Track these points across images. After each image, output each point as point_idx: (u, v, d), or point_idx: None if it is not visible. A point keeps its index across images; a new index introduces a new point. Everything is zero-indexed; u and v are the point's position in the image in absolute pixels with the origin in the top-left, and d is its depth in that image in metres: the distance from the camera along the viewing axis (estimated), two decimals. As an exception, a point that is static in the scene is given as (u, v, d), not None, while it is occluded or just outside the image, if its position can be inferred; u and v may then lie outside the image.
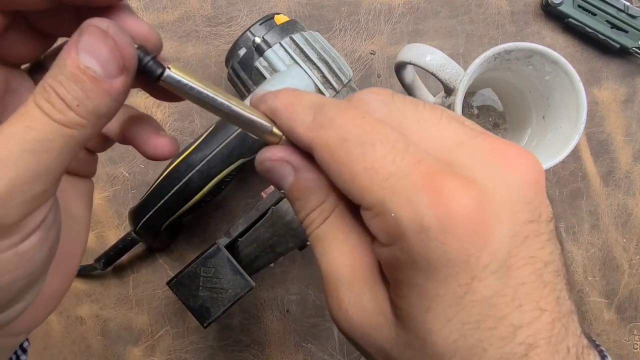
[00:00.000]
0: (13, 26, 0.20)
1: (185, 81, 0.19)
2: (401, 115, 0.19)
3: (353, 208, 0.20)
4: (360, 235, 0.20)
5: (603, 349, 0.20)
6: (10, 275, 0.18)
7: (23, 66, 0.22)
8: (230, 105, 0.20)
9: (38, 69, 0.22)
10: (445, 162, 0.18)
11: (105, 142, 0.23)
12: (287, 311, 0.47)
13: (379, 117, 0.19)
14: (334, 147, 0.18)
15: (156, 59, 0.19)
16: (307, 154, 0.20)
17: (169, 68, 0.19)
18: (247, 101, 0.22)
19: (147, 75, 0.18)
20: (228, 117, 0.20)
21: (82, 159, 0.23)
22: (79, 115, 0.17)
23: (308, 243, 0.34)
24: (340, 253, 0.20)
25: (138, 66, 0.18)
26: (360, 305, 0.19)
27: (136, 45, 0.18)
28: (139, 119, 0.22)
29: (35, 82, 0.22)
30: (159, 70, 0.18)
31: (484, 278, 0.17)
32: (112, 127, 0.22)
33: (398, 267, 0.18)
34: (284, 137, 0.20)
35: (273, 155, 0.21)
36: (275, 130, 0.20)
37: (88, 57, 0.17)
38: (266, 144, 0.21)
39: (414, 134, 0.19)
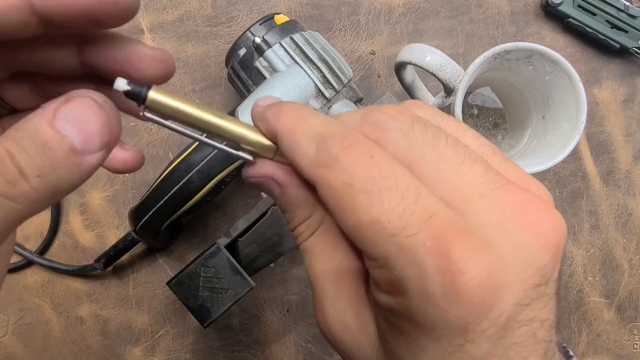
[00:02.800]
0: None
1: (171, 103, 0.18)
2: (419, 151, 0.17)
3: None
4: (347, 251, 0.19)
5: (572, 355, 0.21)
6: None
7: None
8: (228, 126, 0.19)
9: None
10: (460, 215, 0.17)
11: None
12: (287, 311, 0.47)
13: (394, 150, 0.17)
14: (339, 192, 0.17)
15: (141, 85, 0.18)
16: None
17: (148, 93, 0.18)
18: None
19: (134, 99, 0.18)
20: (222, 137, 0.19)
21: None
22: (33, 188, 0.15)
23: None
24: (326, 268, 0.20)
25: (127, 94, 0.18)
26: (343, 323, 0.19)
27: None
28: None
29: None
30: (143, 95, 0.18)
31: (477, 341, 0.16)
32: None
33: (394, 314, 0.17)
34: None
35: (256, 173, 0.20)
36: (267, 144, 0.20)
37: (69, 126, 0.15)
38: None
39: (430, 176, 0.17)
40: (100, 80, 0.19)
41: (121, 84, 0.17)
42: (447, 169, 0.17)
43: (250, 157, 0.20)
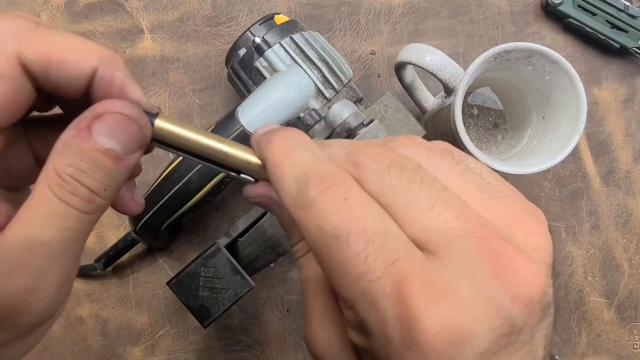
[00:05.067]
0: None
1: (178, 131, 0.20)
2: (392, 194, 0.18)
3: None
4: None
5: None
6: (29, 346, 0.20)
7: None
8: (227, 152, 0.20)
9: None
10: (428, 259, 0.17)
11: None
12: (287, 311, 0.47)
13: (370, 190, 0.18)
14: (313, 234, 0.17)
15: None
16: None
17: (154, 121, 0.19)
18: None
19: None
20: (221, 164, 0.21)
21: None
22: (104, 199, 0.18)
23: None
24: (317, 286, 0.21)
25: None
26: (327, 341, 0.20)
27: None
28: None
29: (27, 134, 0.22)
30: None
31: None
32: None
33: (364, 352, 0.18)
34: None
35: (255, 193, 0.21)
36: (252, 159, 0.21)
37: (109, 139, 0.18)
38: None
39: (403, 218, 0.17)
40: None
41: None
42: (418, 213, 0.17)
43: (252, 179, 0.21)
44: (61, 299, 0.18)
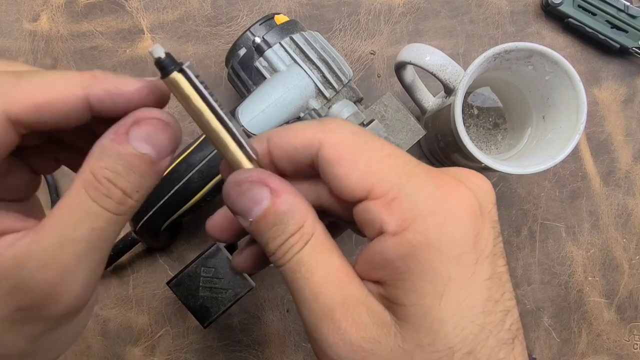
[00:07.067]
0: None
1: (199, 82, 0.19)
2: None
3: (327, 231, 0.21)
4: (339, 255, 0.20)
5: None
6: (68, 339, 0.21)
7: None
8: (228, 120, 0.20)
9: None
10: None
11: (55, 164, 0.23)
12: (287, 311, 0.47)
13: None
14: (349, 140, 0.20)
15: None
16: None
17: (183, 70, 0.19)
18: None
19: (165, 67, 0.18)
20: (219, 131, 0.20)
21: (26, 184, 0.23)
22: (135, 200, 0.19)
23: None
24: (327, 274, 0.19)
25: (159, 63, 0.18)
26: (358, 322, 0.19)
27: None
28: None
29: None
30: (177, 67, 0.18)
31: (482, 261, 0.19)
32: None
33: (409, 254, 0.18)
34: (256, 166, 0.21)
35: (250, 177, 0.20)
36: (252, 154, 0.20)
37: (145, 144, 0.18)
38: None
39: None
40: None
41: (157, 51, 0.18)
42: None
43: (254, 156, 0.20)
44: (88, 293, 0.19)
